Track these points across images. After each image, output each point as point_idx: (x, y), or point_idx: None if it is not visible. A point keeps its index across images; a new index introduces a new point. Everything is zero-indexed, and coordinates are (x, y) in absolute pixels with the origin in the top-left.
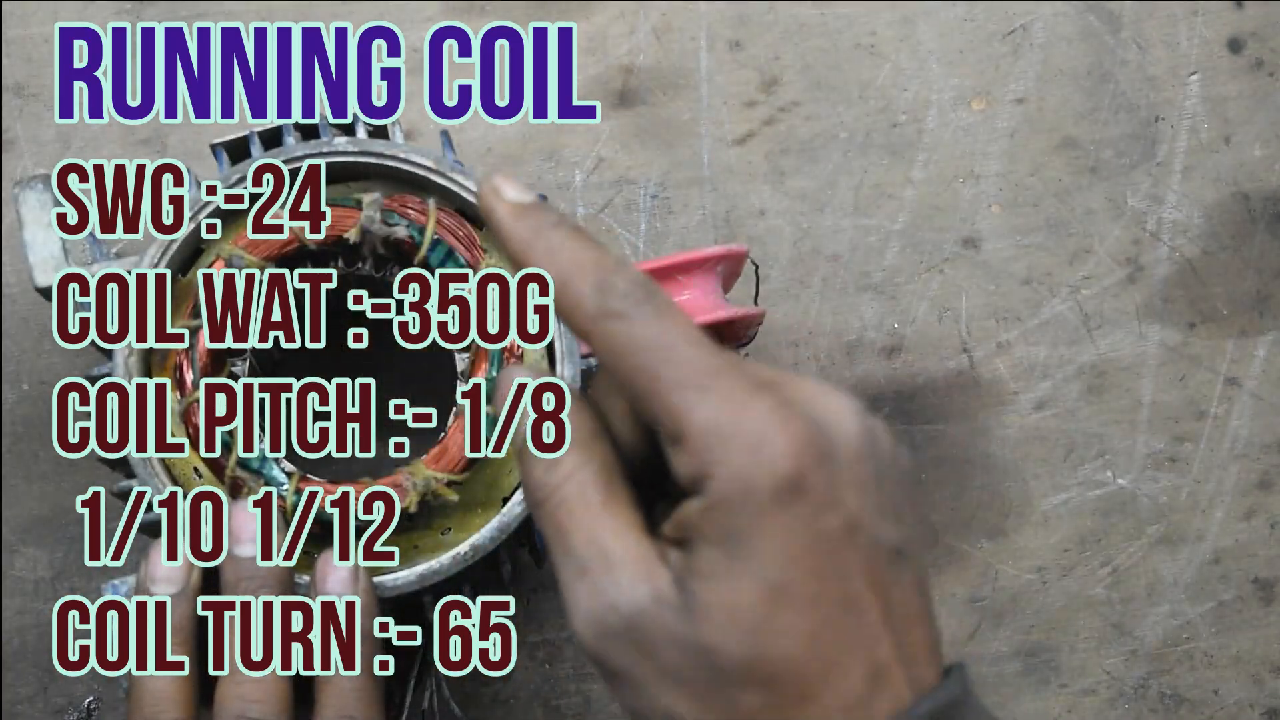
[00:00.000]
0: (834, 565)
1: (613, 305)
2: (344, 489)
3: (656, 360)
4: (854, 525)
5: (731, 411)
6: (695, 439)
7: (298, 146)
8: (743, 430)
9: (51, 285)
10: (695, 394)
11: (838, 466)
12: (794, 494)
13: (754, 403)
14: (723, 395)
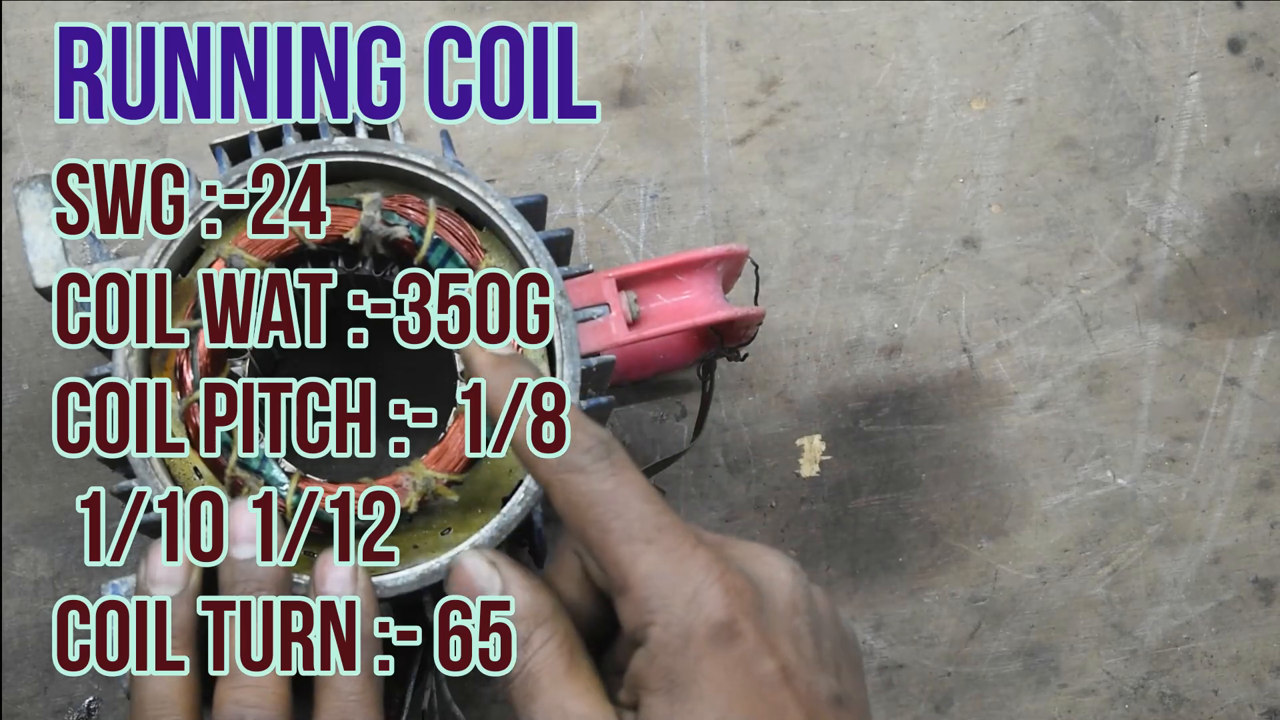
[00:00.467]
0: (771, 707)
1: (573, 459)
2: (344, 489)
3: (608, 514)
4: (789, 671)
5: (672, 565)
6: (637, 588)
7: (298, 146)
8: (681, 582)
9: (51, 285)
10: (641, 547)
11: (771, 616)
12: (729, 639)
13: (693, 557)
14: (665, 549)
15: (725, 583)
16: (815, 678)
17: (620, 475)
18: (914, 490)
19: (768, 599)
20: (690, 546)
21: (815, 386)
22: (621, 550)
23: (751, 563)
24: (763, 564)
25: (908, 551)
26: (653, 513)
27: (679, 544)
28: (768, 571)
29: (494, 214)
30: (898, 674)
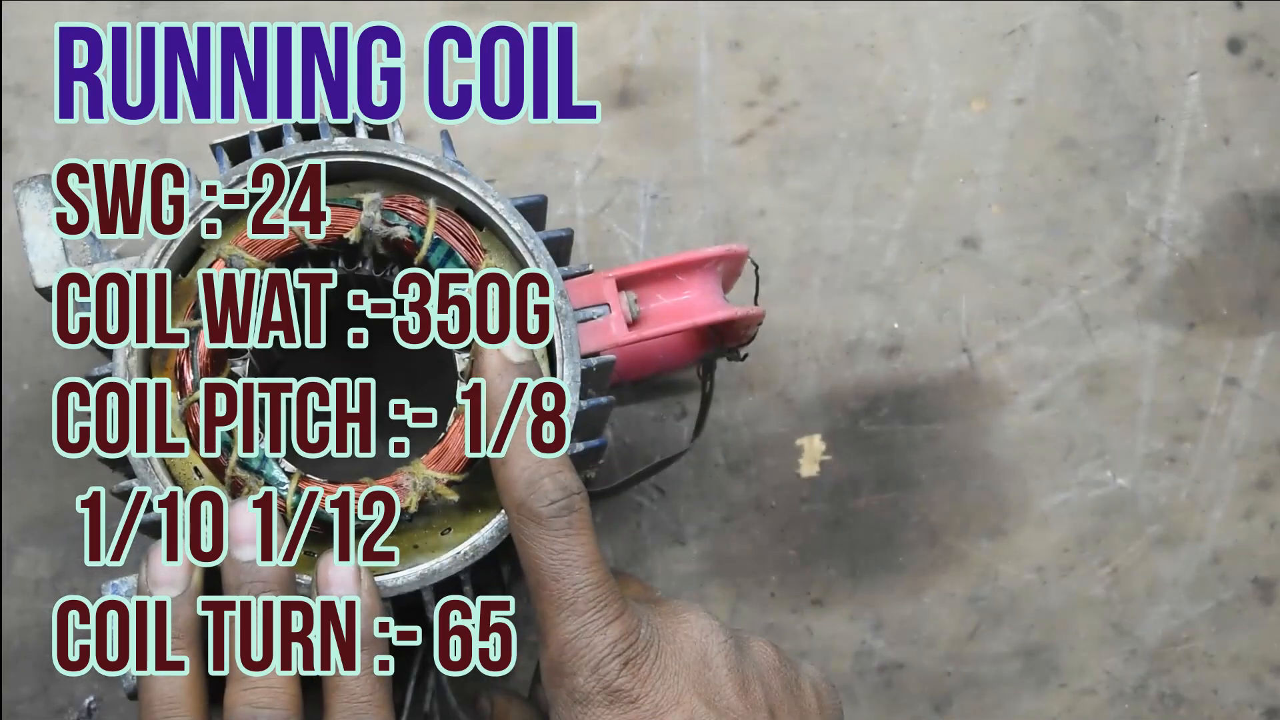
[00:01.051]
0: None
1: (535, 509)
2: (344, 489)
3: (548, 575)
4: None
5: (587, 636)
6: (553, 651)
7: (298, 146)
8: (588, 652)
9: (51, 285)
10: (566, 614)
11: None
12: (627, 702)
13: (605, 632)
14: (586, 621)
15: (628, 655)
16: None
17: (572, 538)
18: (914, 490)
19: (675, 659)
20: (605, 621)
21: (815, 386)
22: (548, 610)
23: (670, 623)
24: (680, 622)
25: (908, 551)
26: (587, 583)
27: (599, 616)
28: (684, 630)
29: (494, 214)
30: (898, 674)
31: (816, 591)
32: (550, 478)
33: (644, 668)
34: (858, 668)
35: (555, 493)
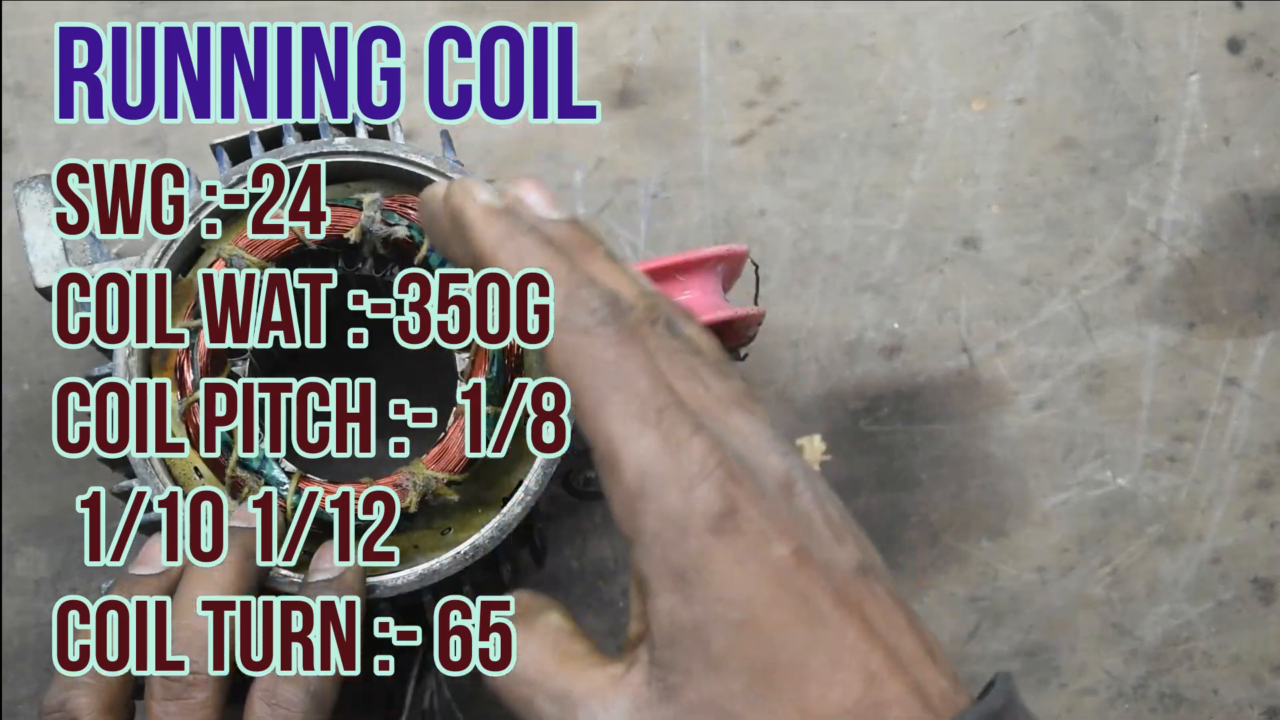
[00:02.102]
0: (792, 592)
1: (578, 319)
2: (344, 489)
3: (608, 385)
4: (802, 552)
5: (668, 450)
6: (630, 475)
7: (298, 146)
8: (676, 470)
9: (51, 285)
10: (636, 428)
11: (771, 500)
12: (732, 528)
13: (690, 444)
14: (663, 434)
15: (724, 469)
16: (832, 553)
17: (626, 344)
18: (914, 490)
19: (764, 484)
20: (689, 431)
21: (815, 386)
22: (617, 431)
23: (746, 443)
24: (757, 445)
25: (908, 551)
26: (655, 389)
27: (677, 428)
28: (759, 456)
29: None
30: None
31: None
32: (585, 287)
33: (744, 485)
34: None
35: (595, 300)
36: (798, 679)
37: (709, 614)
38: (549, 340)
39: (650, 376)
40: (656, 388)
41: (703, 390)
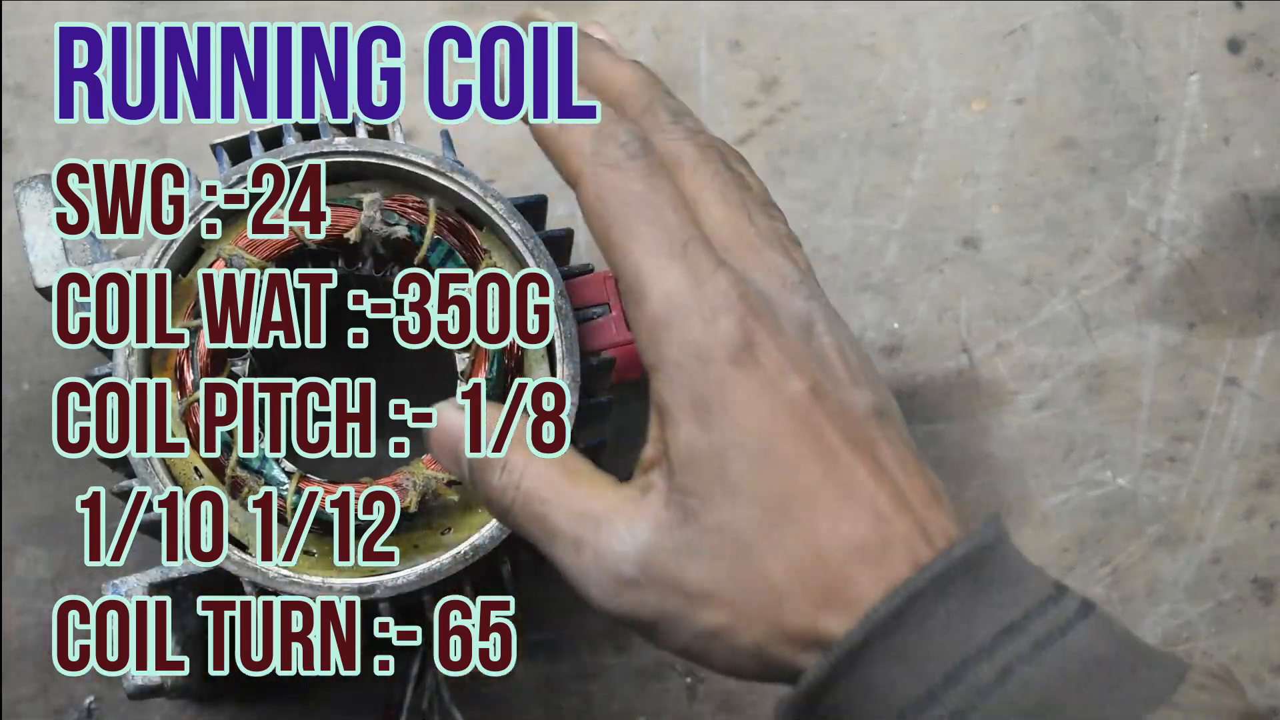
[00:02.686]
0: (807, 427)
1: (609, 153)
2: (344, 489)
3: (637, 218)
4: (819, 390)
5: (693, 283)
6: (656, 305)
7: (298, 146)
8: (700, 302)
9: (51, 285)
10: (665, 261)
11: (788, 338)
12: (750, 360)
13: (714, 278)
14: (689, 267)
15: (746, 304)
16: (848, 394)
17: (655, 177)
18: None
19: (782, 322)
20: (713, 266)
21: None
22: (645, 262)
23: (769, 281)
24: (776, 287)
25: None
26: (680, 224)
27: (702, 262)
28: (782, 296)
29: (494, 214)
30: None
31: None
32: (615, 123)
33: (764, 320)
34: None
35: (624, 135)
36: (809, 511)
37: (727, 441)
38: (581, 175)
39: (677, 210)
40: (683, 221)
41: (746, 223)
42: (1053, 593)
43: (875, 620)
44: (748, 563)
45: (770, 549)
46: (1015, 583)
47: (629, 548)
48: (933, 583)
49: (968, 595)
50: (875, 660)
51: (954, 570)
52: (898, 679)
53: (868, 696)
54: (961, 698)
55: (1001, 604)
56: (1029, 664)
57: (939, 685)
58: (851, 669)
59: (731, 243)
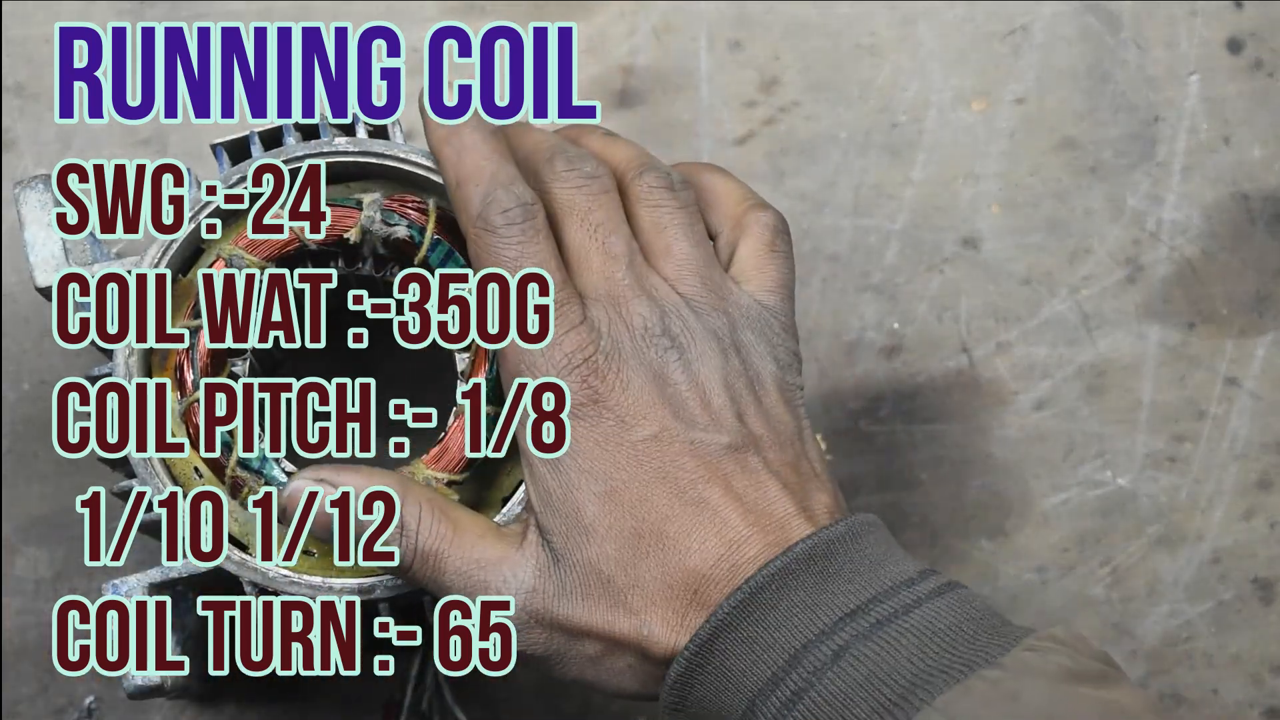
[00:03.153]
0: (653, 469)
1: (491, 219)
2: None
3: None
4: (665, 434)
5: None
6: (510, 359)
7: (298, 146)
8: (547, 362)
9: (51, 285)
10: None
11: (637, 390)
12: (594, 414)
13: (565, 339)
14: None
15: (591, 365)
16: (700, 435)
17: (528, 243)
18: (914, 490)
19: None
20: (567, 328)
21: (815, 386)
22: None
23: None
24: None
25: (908, 551)
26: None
27: (558, 322)
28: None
29: None
30: None
31: None
32: (504, 189)
33: (609, 377)
34: None
35: (509, 201)
36: (660, 544)
37: (575, 486)
38: (466, 235)
39: (543, 274)
40: (550, 285)
41: (621, 273)
42: (912, 577)
43: (721, 616)
44: (611, 597)
45: (629, 583)
46: (868, 570)
47: (514, 593)
48: (774, 577)
49: (813, 586)
50: (726, 652)
51: (796, 565)
52: (747, 667)
53: (723, 686)
54: (801, 678)
55: (849, 591)
56: (866, 641)
57: (782, 668)
58: (706, 663)
59: (602, 294)
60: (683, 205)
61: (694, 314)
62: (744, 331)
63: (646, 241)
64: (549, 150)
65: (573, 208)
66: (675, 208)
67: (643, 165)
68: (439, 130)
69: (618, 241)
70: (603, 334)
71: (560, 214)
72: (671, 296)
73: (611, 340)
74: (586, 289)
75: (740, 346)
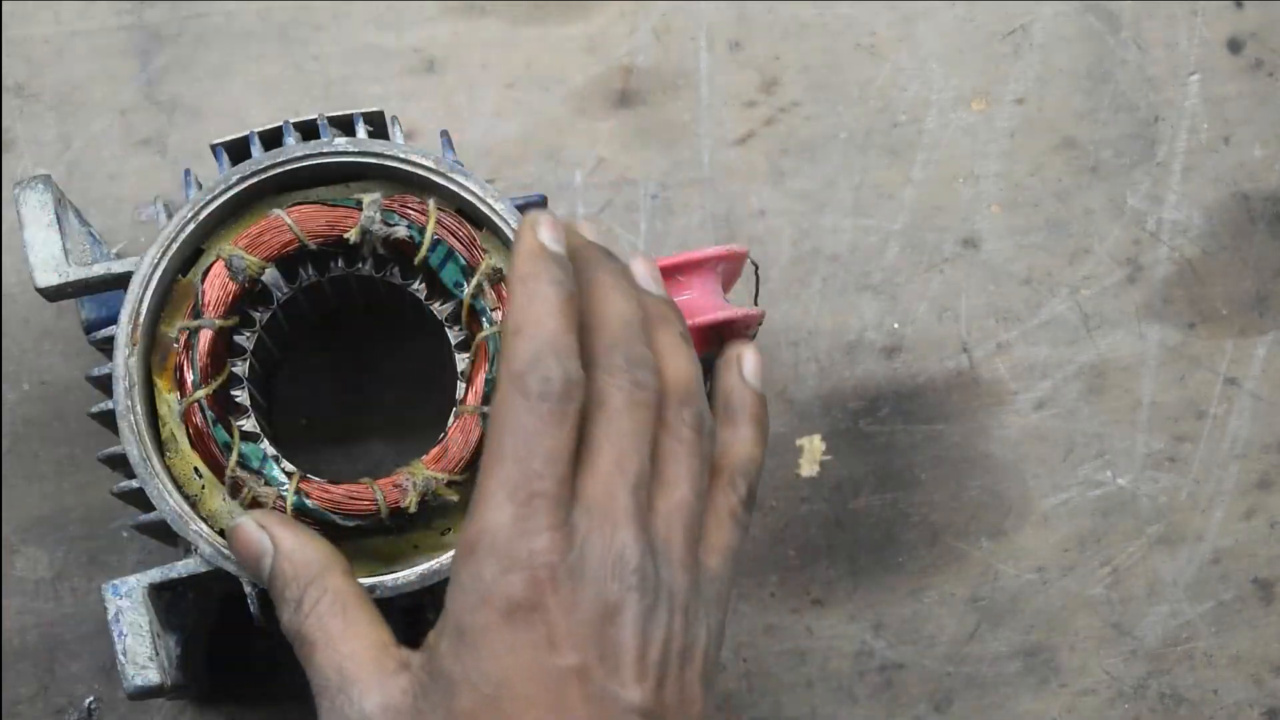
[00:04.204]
0: (553, 700)
1: (529, 382)
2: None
3: (509, 449)
4: (585, 672)
5: (514, 533)
6: (473, 531)
7: (297, 147)
8: (507, 552)
9: (52, 285)
10: (505, 498)
11: (580, 618)
12: (524, 621)
13: (536, 537)
14: (521, 516)
15: (548, 572)
16: (618, 687)
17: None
18: (914, 490)
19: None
20: (544, 526)
21: (815, 386)
22: (488, 487)
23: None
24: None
25: (908, 551)
26: (541, 475)
27: (538, 518)
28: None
29: (494, 214)
30: (898, 674)
31: (816, 591)
32: (555, 358)
33: (560, 594)
34: (858, 668)
35: (554, 372)
36: None
37: (466, 674)
38: (497, 384)
39: (549, 462)
40: (547, 474)
41: (622, 493)
42: None
43: None
44: None
45: None
46: None
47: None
48: None
49: None
50: None
51: None
52: None
53: None
54: None
55: None
56: None
57: None
58: None
59: (595, 505)
60: (702, 455)
61: (666, 563)
62: (695, 597)
63: (655, 466)
64: (615, 337)
65: (607, 405)
66: (694, 454)
67: (688, 396)
68: (524, 265)
69: (633, 458)
70: (574, 546)
71: (593, 405)
72: (655, 537)
73: (580, 555)
74: (583, 489)
75: (688, 610)
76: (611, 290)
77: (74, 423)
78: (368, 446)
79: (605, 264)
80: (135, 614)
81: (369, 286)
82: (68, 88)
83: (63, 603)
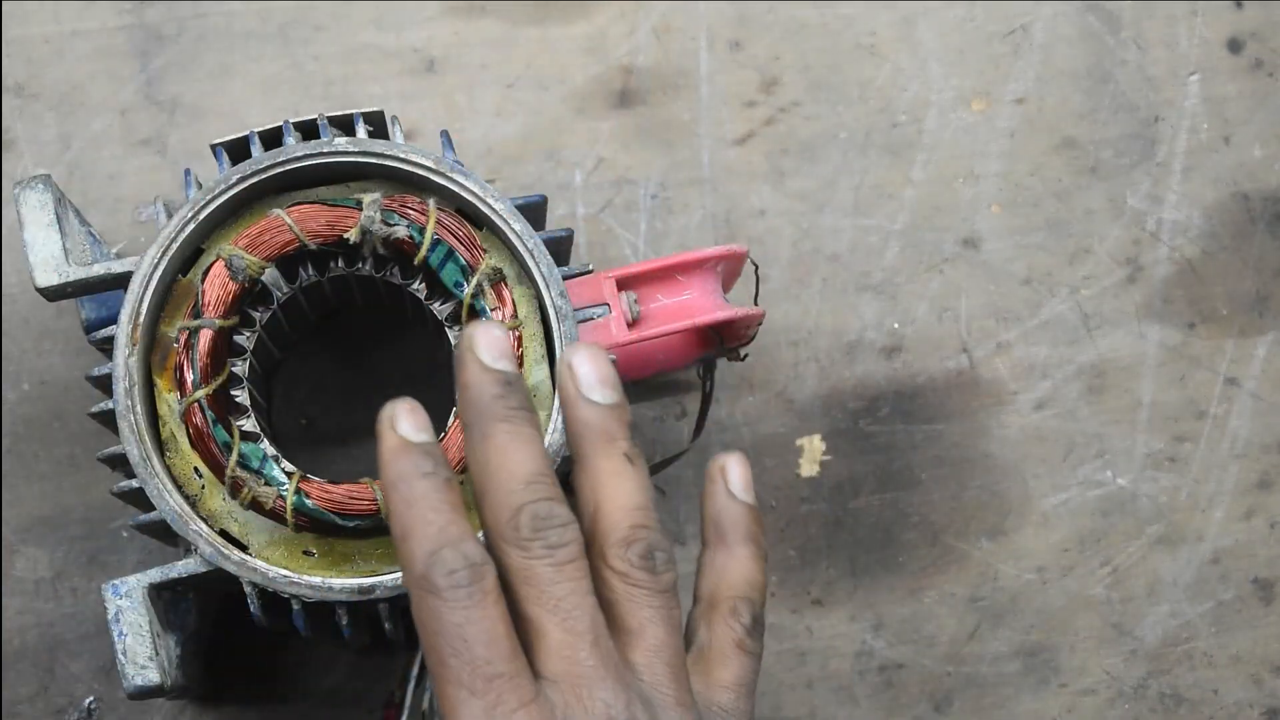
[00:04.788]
0: None
1: (435, 580)
2: (344, 488)
3: (447, 650)
4: None
5: (486, 716)
6: None
7: (297, 146)
8: None
9: (52, 285)
10: (466, 694)
11: None
12: None
13: (506, 706)
14: (489, 704)
15: None
16: None
17: (475, 608)
18: (914, 490)
19: None
20: (515, 705)
21: (815, 386)
22: (446, 692)
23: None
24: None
25: (908, 551)
26: (489, 659)
27: (505, 699)
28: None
29: (494, 214)
30: (898, 674)
31: (816, 591)
32: (451, 548)
33: None
34: (858, 668)
35: (456, 562)
36: None
37: None
38: (410, 595)
39: (490, 644)
40: (495, 656)
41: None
42: None
43: None
44: None
45: None
46: None
47: None
48: None
49: None
50: None
51: None
52: None
53: None
54: None
55: None
56: None
57: None
58: None
59: (561, 673)
60: (664, 589)
61: (663, 709)
62: None
63: (617, 616)
64: (515, 506)
65: (530, 578)
66: (655, 591)
67: (632, 531)
68: (390, 469)
69: (581, 618)
70: (556, 714)
71: (516, 582)
72: (637, 685)
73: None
74: (543, 667)
75: None
76: (506, 449)
77: (74, 423)
78: (368, 446)
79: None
80: (135, 614)
81: (369, 286)
82: (68, 88)
83: (63, 603)
